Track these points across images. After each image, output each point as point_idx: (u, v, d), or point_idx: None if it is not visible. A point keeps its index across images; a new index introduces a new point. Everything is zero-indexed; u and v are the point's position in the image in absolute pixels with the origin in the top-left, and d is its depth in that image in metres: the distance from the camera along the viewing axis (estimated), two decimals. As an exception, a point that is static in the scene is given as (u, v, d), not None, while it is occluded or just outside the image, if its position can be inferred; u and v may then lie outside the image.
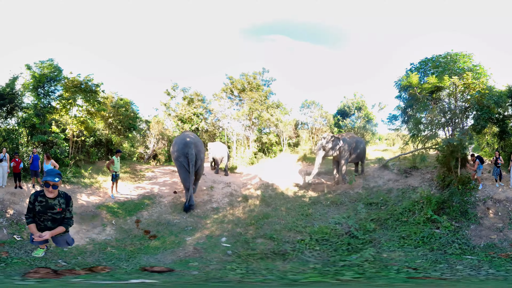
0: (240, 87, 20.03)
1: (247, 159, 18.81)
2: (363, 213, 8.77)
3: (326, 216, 9.03)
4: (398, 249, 5.62)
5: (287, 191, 12.42)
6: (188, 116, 19.81)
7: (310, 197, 11.37)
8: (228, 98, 21.25)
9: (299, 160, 18.32)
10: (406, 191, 9.89)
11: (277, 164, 17.64)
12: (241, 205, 10.41)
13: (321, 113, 26.82)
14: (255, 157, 19.44)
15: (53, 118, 11.28)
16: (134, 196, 9.98)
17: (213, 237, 7.20)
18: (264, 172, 15.30)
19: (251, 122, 21.05)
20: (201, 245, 6.58)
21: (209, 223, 8.55)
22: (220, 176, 14.39)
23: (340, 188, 12.07)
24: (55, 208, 3.46)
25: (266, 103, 20.70)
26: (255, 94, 19.37)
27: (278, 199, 11.12)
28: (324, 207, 10.02)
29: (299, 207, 10.00)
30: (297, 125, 26.32)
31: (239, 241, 6.78)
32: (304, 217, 8.88)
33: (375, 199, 9.98)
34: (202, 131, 21.64)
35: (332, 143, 12.70)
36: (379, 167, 13.63)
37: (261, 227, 7.91)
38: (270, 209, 9.85)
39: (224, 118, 21.96)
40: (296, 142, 24.71)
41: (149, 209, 8.93)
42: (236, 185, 12.88)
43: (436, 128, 10.84)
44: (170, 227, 7.85)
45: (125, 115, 13.65)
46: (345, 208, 9.77)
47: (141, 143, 18.02)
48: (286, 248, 6.23)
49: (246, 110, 19.71)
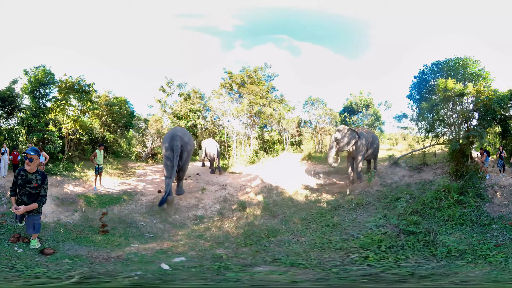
0: (240, 81, 19.25)
1: (247, 158, 18.04)
2: (400, 209, 8.12)
3: (357, 221, 7.73)
4: (453, 231, 6.58)
5: (296, 195, 10.88)
6: (184, 113, 19.68)
7: (327, 201, 9.91)
8: (228, 94, 20.62)
9: (304, 159, 17.73)
10: (425, 184, 10.43)
11: (280, 164, 16.92)
12: (234, 215, 8.82)
13: (326, 111, 26.07)
14: (256, 156, 18.79)
15: (50, 118, 12.35)
16: (116, 190, 10.64)
17: (166, 254, 5.40)
18: (266, 172, 14.22)
19: (251, 118, 20.26)
20: (133, 256, 5.07)
21: (181, 235, 7.03)
22: (216, 177, 13.52)
23: (357, 187, 11.25)
24: (32, 183, 4.23)
25: (268, 98, 19.96)
26: (256, 88, 18.50)
27: (287, 207, 9.54)
28: (349, 211, 8.78)
29: (319, 216, 8.40)
30: (300, 123, 26.07)
31: (209, 269, 4.41)
32: (331, 228, 7.35)
33: (399, 194, 9.67)
34: (203, 130, 21.87)
35: (348, 137, 11.62)
36: (389, 164, 13.68)
37: (266, 248, 5.82)
38: (277, 221, 8.14)
39: (223, 115, 21.13)
40: (299, 141, 24.35)
41: (123, 205, 9.00)
42: (232, 188, 11.66)
43: (450, 126, 12.19)
44: (130, 228, 7.25)
45: (119, 113, 14.51)
46: (373, 209, 8.82)
47: (140, 142, 18.79)
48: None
49: (246, 105, 18.81)
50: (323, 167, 14.97)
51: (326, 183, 12.23)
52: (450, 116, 12.05)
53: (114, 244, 5.98)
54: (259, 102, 18.38)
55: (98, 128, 15.02)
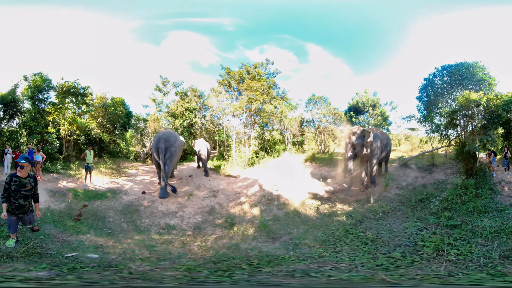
0: (238, 77, 18.46)
1: (246, 159, 17.10)
2: (433, 208, 8.05)
3: (395, 230, 6.96)
4: (481, 218, 7.18)
5: (304, 207, 9.48)
6: (180, 111, 19.72)
7: (345, 213, 8.68)
8: (227, 92, 20.01)
9: (307, 160, 17.03)
10: (440, 184, 10.71)
11: (282, 166, 15.96)
12: (215, 232, 7.58)
13: (329, 110, 25.26)
14: (256, 157, 18.06)
15: (49, 120, 13.41)
16: (103, 188, 11.53)
17: (98, 250, 5.55)
18: (267, 176, 13.24)
19: (252, 117, 19.52)
20: (77, 243, 5.80)
21: (135, 239, 6.60)
22: (209, 180, 13.17)
23: (373, 193, 10.52)
24: (26, 186, 4.90)
25: (270, 94, 18.93)
26: (256, 84, 17.64)
27: (293, 224, 8.02)
28: (378, 220, 7.92)
29: (343, 233, 7.00)
30: (302, 122, 25.76)
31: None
32: (372, 246, 6.05)
33: (419, 195, 9.53)
34: (202, 129, 21.99)
35: (365, 140, 10.96)
36: (399, 166, 13.67)
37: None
38: (280, 245, 6.42)
39: (222, 114, 20.75)
40: (301, 141, 24.06)
41: (104, 201, 9.72)
42: (224, 196, 10.71)
43: (456, 128, 12.74)
44: (98, 221, 7.88)
45: (114, 114, 15.34)
46: (400, 214, 8.31)
47: (139, 142, 19.48)
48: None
49: (245, 102, 17.95)
50: (329, 170, 14.46)
51: (336, 189, 11.12)
52: (459, 120, 12.56)
53: (76, 230, 6.80)
54: (258, 98, 17.52)
55: (95, 129, 15.99)
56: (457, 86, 12.76)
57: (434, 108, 13.23)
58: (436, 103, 13.09)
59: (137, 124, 19.37)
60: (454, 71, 12.78)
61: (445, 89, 13.07)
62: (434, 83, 13.55)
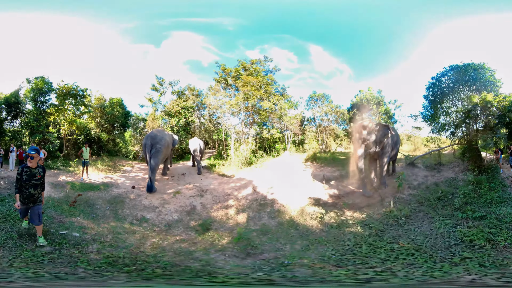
0: (235, 74, 18.19)
1: (243, 159, 16.53)
2: (457, 204, 8.08)
3: (428, 234, 6.41)
4: (499, 208, 7.65)
5: (303, 216, 8.25)
6: (176, 110, 20.01)
7: (359, 222, 7.52)
8: (225, 90, 19.63)
9: (308, 160, 16.60)
10: (452, 181, 10.79)
11: (281, 166, 15.58)
12: (182, 234, 7.13)
13: (331, 108, 24.24)
14: (254, 156, 17.64)
15: (50, 120, 14.35)
16: (98, 182, 12.50)
17: (80, 230, 6.42)
18: (263, 176, 12.70)
19: (251, 116, 19.14)
20: (69, 223, 6.93)
21: (107, 226, 7.19)
22: (201, 179, 13.26)
23: (383, 195, 9.57)
24: (36, 176, 5.55)
25: (268, 90, 18.51)
26: (252, 79, 17.20)
27: (287, 237, 6.76)
28: (402, 226, 7.11)
29: (367, 249, 5.72)
30: (303, 121, 25.24)
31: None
32: (415, 257, 5.27)
33: (434, 194, 9.35)
34: (201, 128, 22.23)
35: (378, 135, 9.71)
36: (405, 165, 13.61)
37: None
38: (250, 263, 5.20)
39: (220, 112, 20.26)
40: (302, 140, 23.87)
41: (96, 192, 10.78)
42: (211, 197, 10.37)
43: (461, 127, 13.35)
44: (88, 207, 8.89)
45: (111, 114, 16.16)
46: (423, 215, 7.86)
47: (138, 141, 20.10)
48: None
49: (241, 98, 17.42)
50: (332, 170, 13.99)
51: (342, 192, 10.06)
52: (470, 119, 13.05)
53: (70, 214, 7.95)
54: (255, 94, 16.98)
55: (94, 128, 16.88)
56: (463, 87, 13.17)
57: (440, 108, 13.71)
58: (442, 102, 13.56)
59: (137, 123, 20.03)
60: (461, 72, 13.16)
61: (451, 89, 13.35)
62: (442, 83, 13.87)
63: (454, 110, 13.42)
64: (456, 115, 13.40)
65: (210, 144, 28.39)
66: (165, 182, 13.23)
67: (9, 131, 13.84)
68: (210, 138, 26.35)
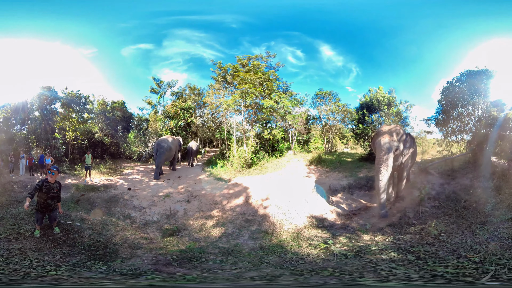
0: (232, 71, 17.77)
1: (242, 160, 16.09)
2: (489, 210, 8.28)
3: (477, 242, 5.81)
4: None
5: (298, 241, 7.13)
6: (175, 111, 20.54)
7: (388, 246, 6.30)
8: (225, 88, 19.51)
9: (312, 163, 16.31)
10: (469, 188, 10.99)
11: (282, 171, 15.23)
12: (150, 235, 7.81)
13: (338, 106, 23.96)
14: (255, 157, 17.33)
15: (56, 127, 15.95)
16: (99, 184, 14.46)
17: (81, 220, 8.31)
18: (261, 183, 12.29)
19: (253, 112, 18.84)
20: (74, 216, 8.56)
21: (95, 220, 8.64)
22: (195, 183, 13.95)
23: (404, 210, 8.86)
24: (54, 189, 7.11)
25: (269, 87, 17.97)
26: (250, 76, 16.54)
27: (258, 264, 5.53)
28: (446, 244, 6.16)
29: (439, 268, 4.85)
30: (308, 119, 25.21)
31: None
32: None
33: (458, 204, 9.24)
34: (204, 128, 22.47)
35: (406, 144, 9.02)
36: (418, 172, 13.73)
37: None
38: None
39: (219, 111, 20.61)
40: (307, 139, 24.12)
41: (97, 192, 12.73)
42: (198, 203, 10.62)
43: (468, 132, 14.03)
44: (89, 204, 10.81)
45: (112, 119, 17.54)
46: (456, 227, 7.27)
47: (142, 142, 20.96)
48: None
49: (238, 96, 16.92)
50: (339, 177, 13.51)
51: (353, 208, 9.17)
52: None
53: (75, 209, 9.91)
54: (254, 92, 16.41)
55: (98, 133, 18.37)
56: (476, 92, 13.49)
57: (453, 112, 14.26)
58: (455, 107, 14.10)
59: (140, 124, 20.95)
60: (475, 77, 13.64)
61: (465, 94, 13.81)
62: (456, 88, 14.33)
63: (465, 115, 13.83)
64: (467, 120, 13.84)
65: (214, 142, 29.28)
66: (161, 185, 14.76)
67: (17, 137, 15.50)
68: (213, 137, 27.04)
